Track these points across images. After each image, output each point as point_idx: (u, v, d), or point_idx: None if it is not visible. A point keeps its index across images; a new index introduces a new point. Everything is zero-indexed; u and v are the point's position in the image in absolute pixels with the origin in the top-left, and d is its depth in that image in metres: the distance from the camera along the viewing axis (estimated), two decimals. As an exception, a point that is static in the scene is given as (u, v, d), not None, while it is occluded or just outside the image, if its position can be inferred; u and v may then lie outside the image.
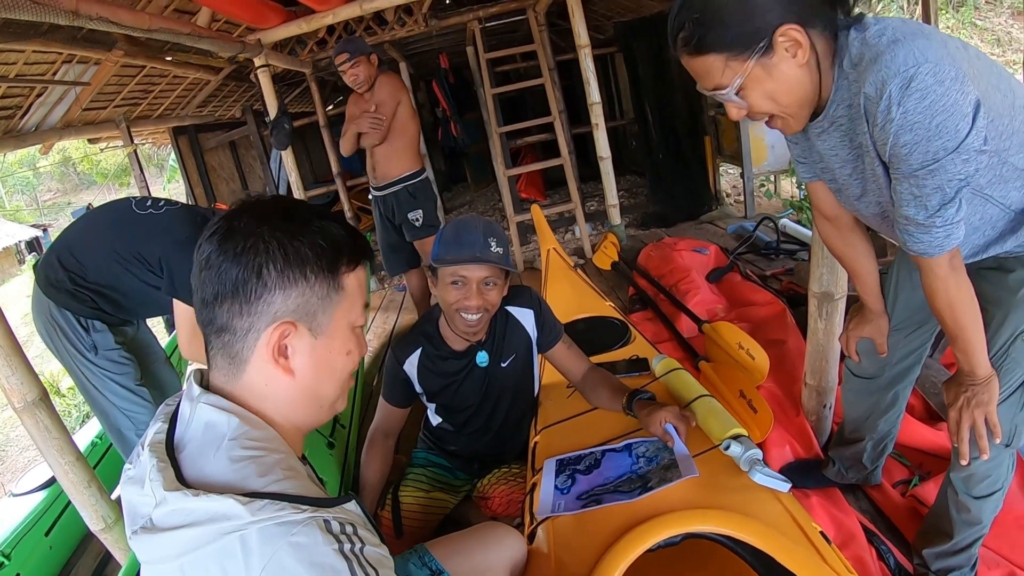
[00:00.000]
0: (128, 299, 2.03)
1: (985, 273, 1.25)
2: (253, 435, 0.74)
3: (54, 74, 3.93)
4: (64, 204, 25.07)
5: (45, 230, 22.91)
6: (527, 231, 5.47)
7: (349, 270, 0.81)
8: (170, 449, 0.75)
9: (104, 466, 2.79)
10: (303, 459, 0.87)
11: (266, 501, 0.66)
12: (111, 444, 2.78)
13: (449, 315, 1.70)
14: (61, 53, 3.67)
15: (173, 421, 0.79)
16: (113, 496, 1.94)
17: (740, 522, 1.19)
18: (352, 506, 0.75)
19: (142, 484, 0.71)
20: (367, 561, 0.68)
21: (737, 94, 1.05)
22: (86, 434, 2.92)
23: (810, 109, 1.11)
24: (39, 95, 4.10)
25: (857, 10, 1.03)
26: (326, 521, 0.68)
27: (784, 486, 1.31)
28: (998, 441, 1.21)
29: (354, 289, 0.82)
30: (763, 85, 1.04)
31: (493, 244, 1.60)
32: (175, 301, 1.93)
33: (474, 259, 1.59)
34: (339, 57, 3.10)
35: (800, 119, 1.12)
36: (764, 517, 1.25)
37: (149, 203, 2.03)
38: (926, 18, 3.96)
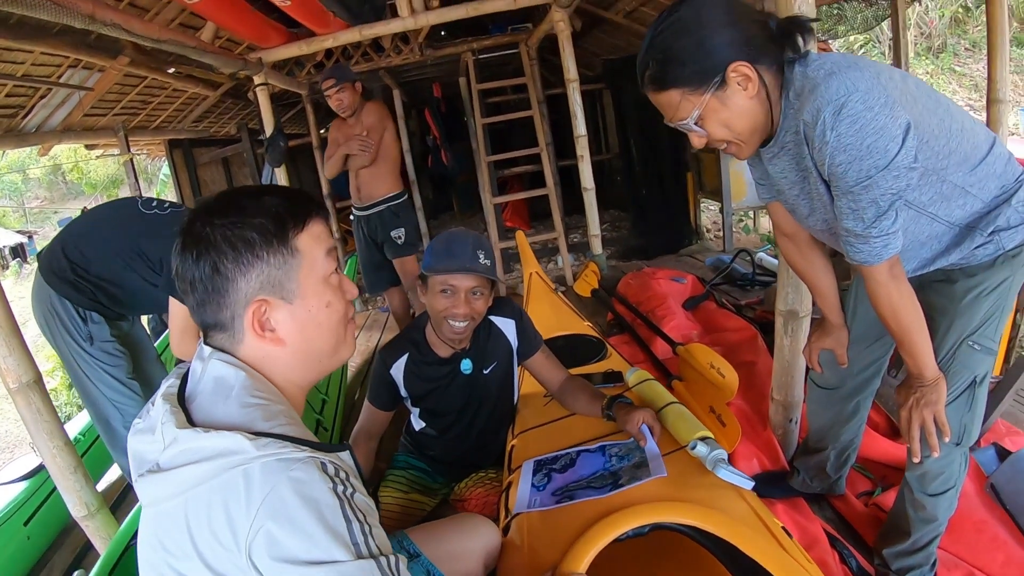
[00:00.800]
0: (127, 294, 2.08)
1: (933, 284, 1.35)
2: (259, 387, 0.81)
3: (59, 77, 3.96)
4: (51, 212, 24.64)
5: (31, 237, 22.47)
6: (511, 259, 5.55)
7: (298, 232, 0.84)
8: (182, 400, 0.81)
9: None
10: None
11: (271, 439, 0.72)
12: (93, 442, 2.79)
13: (437, 322, 1.78)
14: (68, 57, 3.72)
15: (184, 380, 0.85)
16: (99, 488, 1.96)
17: (704, 514, 1.24)
18: (346, 456, 0.81)
19: (153, 432, 0.77)
20: (356, 506, 0.73)
21: (696, 124, 1.18)
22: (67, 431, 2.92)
23: (761, 136, 1.24)
24: (43, 96, 4.12)
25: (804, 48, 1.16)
26: (323, 463, 0.73)
27: (747, 483, 1.38)
28: (947, 440, 1.29)
29: (310, 246, 0.86)
30: (719, 115, 1.17)
31: (481, 256, 1.70)
32: (171, 299, 1.98)
33: (463, 269, 1.68)
34: (326, 82, 3.24)
35: (752, 145, 1.25)
36: (728, 511, 1.30)
37: (154, 204, 2.11)
38: (896, 60, 4.18)
